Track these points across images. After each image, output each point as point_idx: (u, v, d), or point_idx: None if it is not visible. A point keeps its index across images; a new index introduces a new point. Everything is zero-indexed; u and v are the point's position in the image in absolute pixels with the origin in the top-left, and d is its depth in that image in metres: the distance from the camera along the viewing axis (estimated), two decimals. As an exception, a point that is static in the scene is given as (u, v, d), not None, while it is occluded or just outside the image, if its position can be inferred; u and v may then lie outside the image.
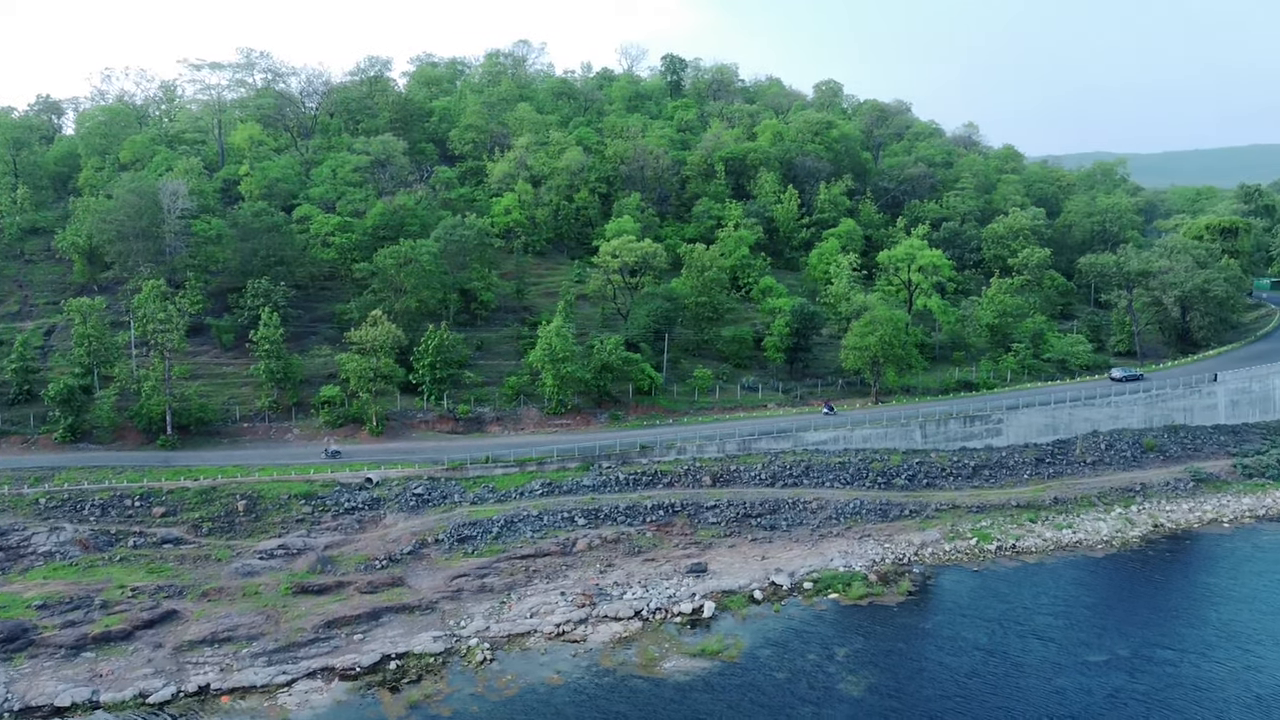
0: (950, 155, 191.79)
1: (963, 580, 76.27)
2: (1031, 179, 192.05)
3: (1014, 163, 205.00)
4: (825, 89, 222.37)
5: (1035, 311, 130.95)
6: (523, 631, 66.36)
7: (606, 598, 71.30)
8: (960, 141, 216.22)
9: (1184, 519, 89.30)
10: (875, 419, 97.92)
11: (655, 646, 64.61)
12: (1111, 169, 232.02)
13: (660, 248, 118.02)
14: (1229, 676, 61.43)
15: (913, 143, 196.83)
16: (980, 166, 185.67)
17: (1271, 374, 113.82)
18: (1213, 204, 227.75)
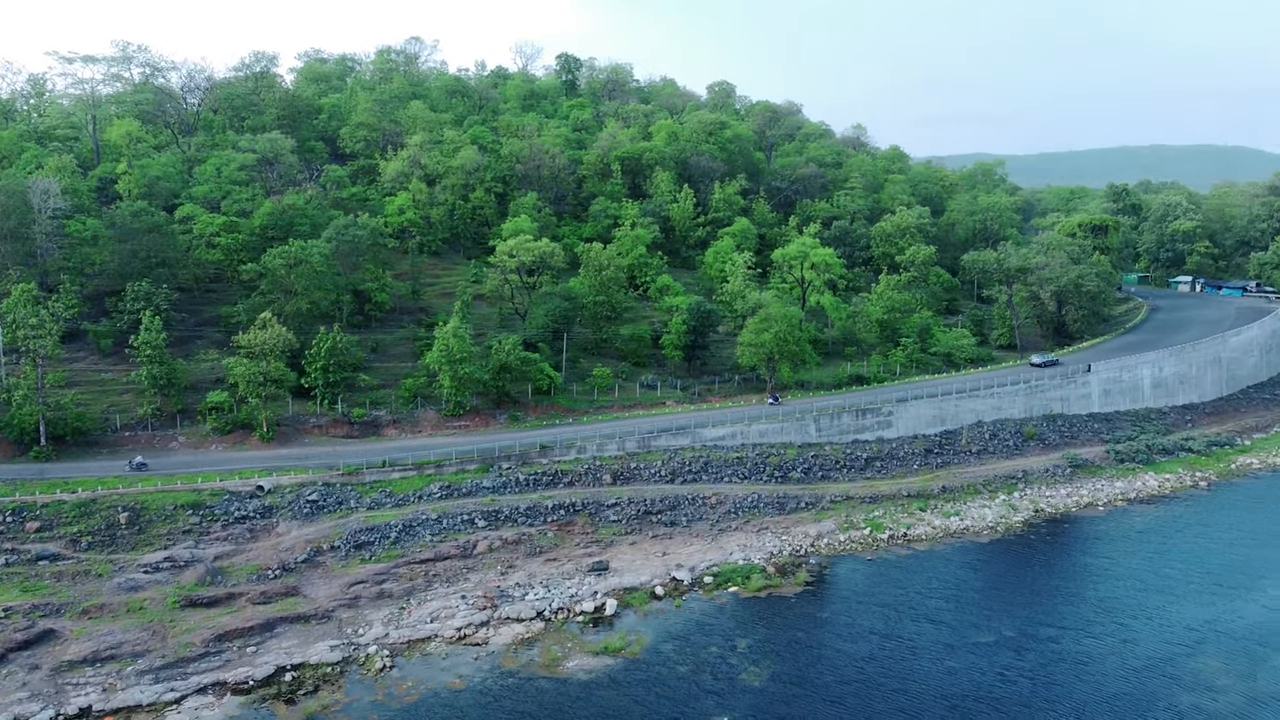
0: (840, 156, 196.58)
1: (857, 569, 78.40)
2: (917, 179, 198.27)
3: (900, 163, 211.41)
4: (718, 90, 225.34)
5: (922, 307, 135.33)
6: (423, 637, 65.52)
7: (508, 599, 70.95)
8: (849, 143, 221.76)
9: (1063, 503, 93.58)
10: (771, 414, 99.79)
11: (558, 646, 64.60)
12: (991, 170, 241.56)
13: (558, 247, 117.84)
14: (1107, 650, 64.71)
15: (804, 143, 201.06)
16: (868, 167, 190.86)
17: (1140, 364, 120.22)
18: (1084, 203, 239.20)
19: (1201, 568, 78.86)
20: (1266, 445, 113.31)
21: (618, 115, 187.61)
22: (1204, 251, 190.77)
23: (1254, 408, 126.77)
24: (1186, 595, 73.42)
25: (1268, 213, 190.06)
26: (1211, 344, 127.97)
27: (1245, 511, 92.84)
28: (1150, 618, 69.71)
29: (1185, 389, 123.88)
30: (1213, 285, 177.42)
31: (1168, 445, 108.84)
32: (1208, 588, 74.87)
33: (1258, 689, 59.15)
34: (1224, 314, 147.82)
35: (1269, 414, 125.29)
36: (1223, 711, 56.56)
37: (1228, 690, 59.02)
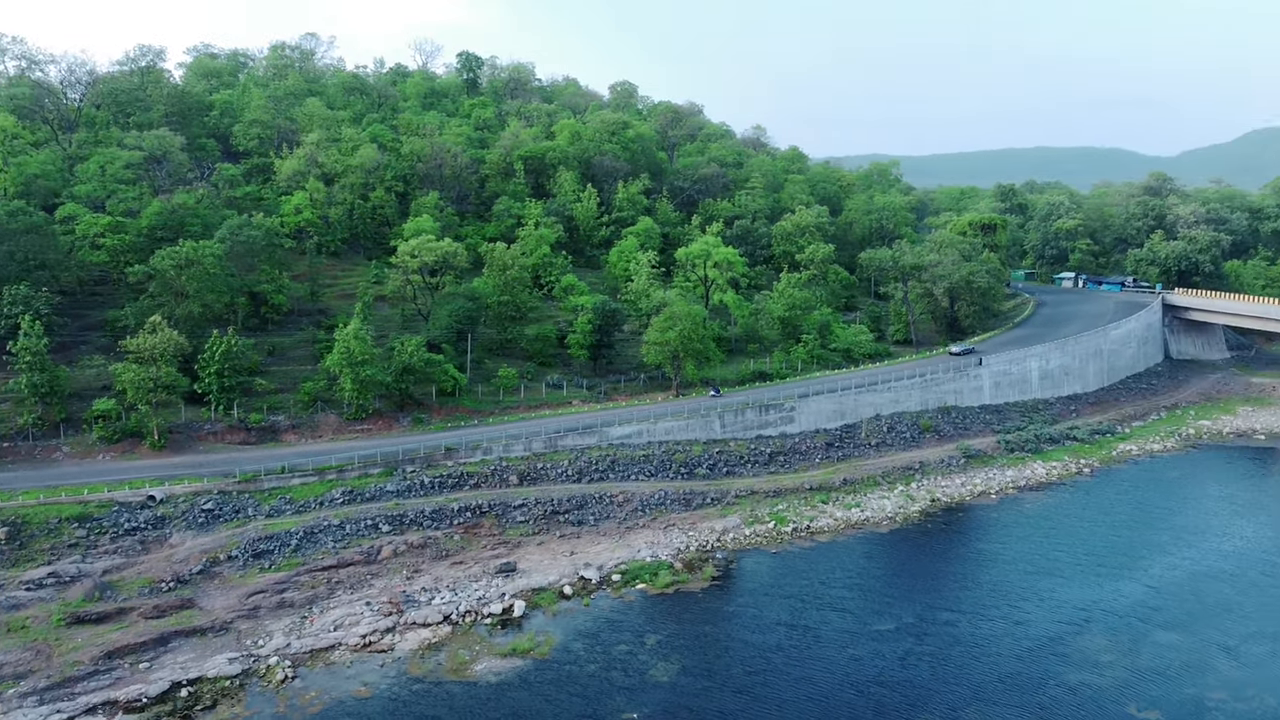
0: (741, 156, 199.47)
1: (763, 562, 79.74)
2: (815, 179, 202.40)
3: (799, 163, 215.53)
4: (621, 90, 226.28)
5: (822, 304, 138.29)
6: (326, 645, 64.14)
7: (414, 604, 70.00)
8: (749, 143, 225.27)
9: (957, 493, 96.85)
10: (677, 411, 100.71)
11: (466, 649, 64.05)
12: (886, 170, 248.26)
13: (461, 247, 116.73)
14: (1001, 632, 67.28)
15: (705, 143, 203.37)
16: (769, 167, 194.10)
17: (1028, 357, 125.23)
18: (974, 202, 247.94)
19: (1087, 550, 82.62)
20: (1144, 433, 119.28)
21: (520, 114, 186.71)
22: (1085, 249, 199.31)
23: (1132, 397, 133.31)
24: (1074, 576, 76.81)
25: (1142, 212, 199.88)
26: (1093, 337, 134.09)
27: (1126, 496, 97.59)
28: (1041, 599, 72.70)
29: (1070, 380, 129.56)
30: (1094, 281, 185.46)
31: (1054, 434, 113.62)
32: (1093, 569, 78.48)
33: (1140, 664, 62.28)
34: (1104, 308, 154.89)
35: (1146, 403, 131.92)
36: (1108, 686, 59.35)
37: (1112, 666, 61.98)
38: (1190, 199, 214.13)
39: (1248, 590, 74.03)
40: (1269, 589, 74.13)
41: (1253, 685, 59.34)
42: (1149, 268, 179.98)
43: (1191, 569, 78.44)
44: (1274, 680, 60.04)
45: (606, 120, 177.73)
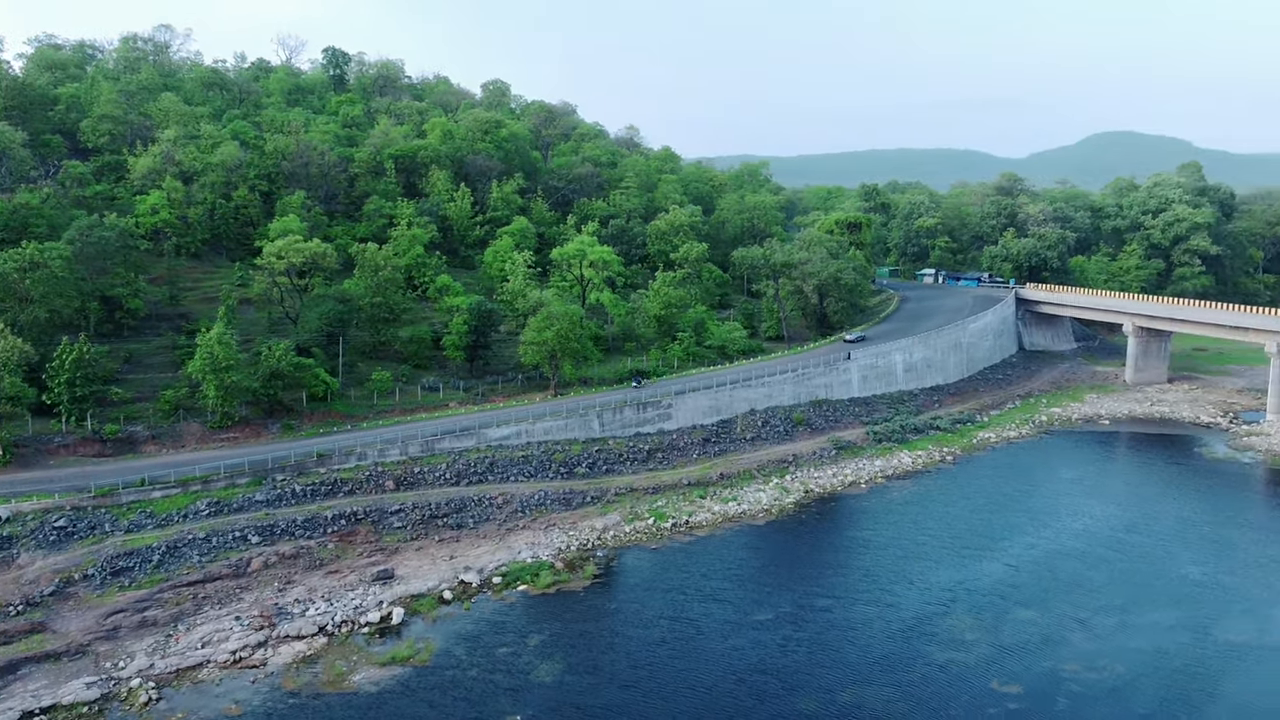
0: (615, 156, 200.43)
1: (643, 559, 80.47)
2: (688, 179, 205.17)
3: (672, 163, 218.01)
4: (493, 89, 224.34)
5: (697, 302, 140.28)
6: (194, 664, 61.55)
7: (287, 617, 67.87)
8: (623, 143, 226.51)
9: (829, 483, 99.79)
10: (556, 411, 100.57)
11: (343, 660, 62.49)
12: (757, 170, 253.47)
13: (330, 248, 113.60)
14: (874, 614, 69.76)
15: (579, 143, 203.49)
16: (642, 167, 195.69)
17: (893, 351, 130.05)
18: (840, 202, 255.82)
19: (952, 534, 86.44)
20: (1001, 421, 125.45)
21: (390, 112, 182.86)
22: (945, 246, 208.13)
23: (990, 387, 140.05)
24: (940, 559, 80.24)
25: (996, 210, 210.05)
26: (953, 330, 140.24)
27: (986, 481, 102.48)
28: (911, 582, 75.69)
29: (932, 372, 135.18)
30: (953, 277, 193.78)
31: (919, 424, 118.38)
32: (957, 551, 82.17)
33: (1001, 640, 65.53)
34: (963, 303, 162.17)
35: (1002, 392, 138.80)
36: (973, 663, 62.27)
37: (976, 643, 65.04)
38: (1039, 198, 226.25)
39: (1097, 565, 78.81)
40: (1116, 564, 79.09)
41: (1103, 655, 63.19)
42: (1003, 264, 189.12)
43: (1046, 548, 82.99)
44: (1121, 650, 64.08)
45: (479, 119, 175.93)
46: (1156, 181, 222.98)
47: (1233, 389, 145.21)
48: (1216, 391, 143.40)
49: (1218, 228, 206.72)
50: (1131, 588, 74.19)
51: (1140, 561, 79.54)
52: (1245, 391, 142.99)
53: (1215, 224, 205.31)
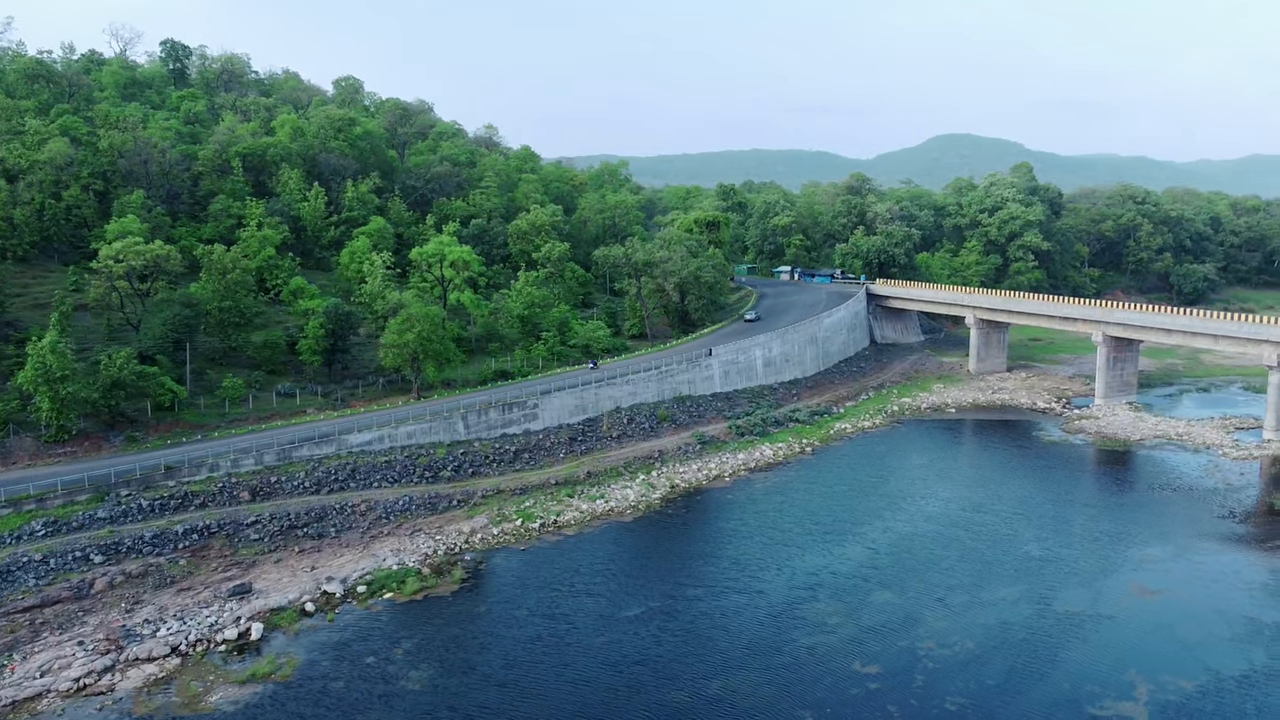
0: (473, 155, 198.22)
1: (513, 560, 79.94)
2: (549, 178, 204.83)
3: (532, 163, 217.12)
4: (346, 85, 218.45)
5: (560, 301, 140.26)
6: (32, 695, 57.60)
7: (136, 639, 64.33)
8: (482, 142, 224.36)
9: (694, 478, 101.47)
10: (419, 414, 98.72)
11: (198, 681, 59.70)
12: (616, 170, 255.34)
13: (173, 250, 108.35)
14: (743, 602, 71.38)
15: (437, 142, 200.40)
16: (502, 166, 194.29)
17: (753, 347, 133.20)
18: (699, 201, 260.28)
19: (814, 521, 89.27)
20: (856, 412, 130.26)
21: (235, 108, 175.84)
22: (799, 244, 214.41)
23: (845, 380, 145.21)
24: (804, 545, 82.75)
25: (846, 209, 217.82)
26: (809, 325, 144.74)
27: (843, 470, 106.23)
28: (777, 569, 77.80)
29: (790, 367, 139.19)
30: (808, 274, 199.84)
31: (779, 418, 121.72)
32: (820, 537, 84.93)
33: (862, 622, 68.06)
34: (817, 299, 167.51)
35: (856, 384, 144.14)
36: (836, 645, 64.46)
37: (840, 626, 67.34)
38: (886, 198, 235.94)
39: (949, 545, 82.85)
40: (965, 543, 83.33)
41: (956, 632, 66.48)
42: (854, 260, 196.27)
43: (902, 531, 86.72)
44: (972, 625, 67.56)
45: (332, 116, 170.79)
46: (992, 181, 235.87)
47: (1064, 376, 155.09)
48: (1050, 379, 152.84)
49: (1048, 225, 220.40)
50: (980, 565, 78.32)
51: (987, 540, 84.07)
52: (1075, 378, 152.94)
53: (1045, 221, 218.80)
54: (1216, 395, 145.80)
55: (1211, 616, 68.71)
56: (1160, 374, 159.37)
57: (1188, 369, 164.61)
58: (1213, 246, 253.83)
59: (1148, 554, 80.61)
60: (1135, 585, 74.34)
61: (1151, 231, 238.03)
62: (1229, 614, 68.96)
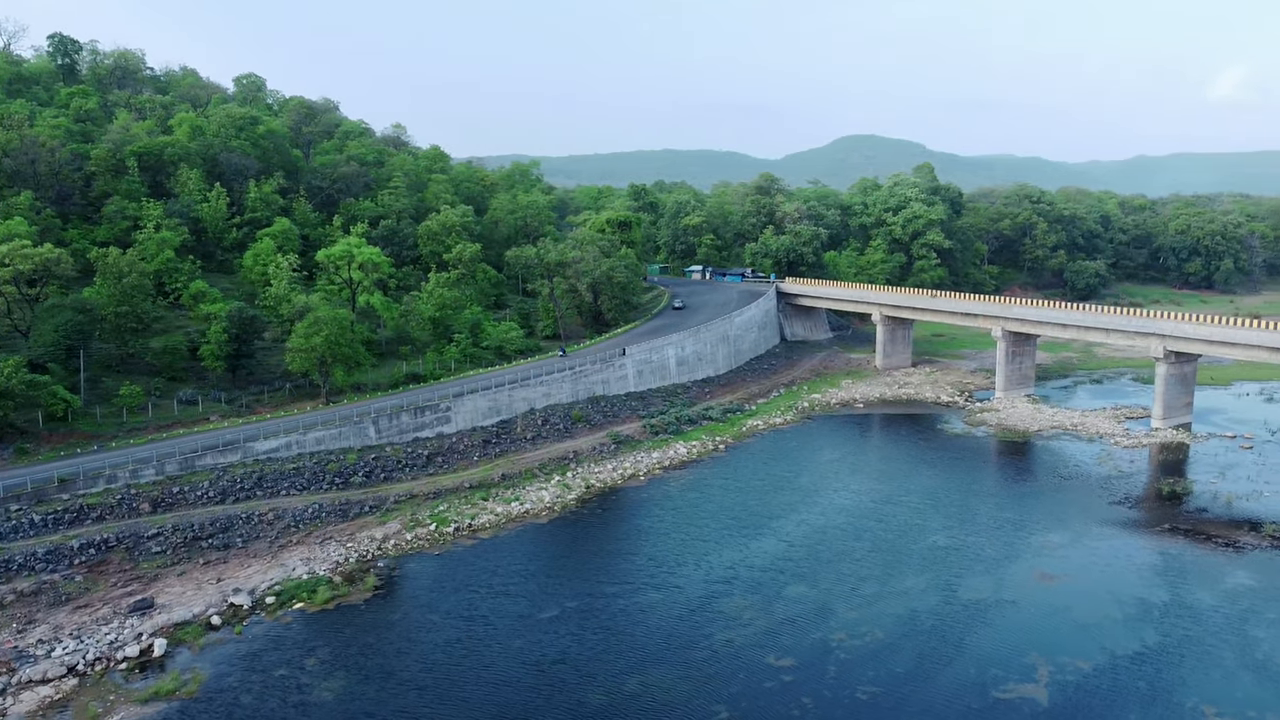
0: (381, 155, 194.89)
1: (427, 565, 78.98)
2: (459, 178, 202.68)
3: (442, 163, 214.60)
4: (247, 83, 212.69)
5: (472, 303, 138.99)
6: (-83, 722, 54.83)
7: (29, 660, 61.62)
8: (390, 142, 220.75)
9: (609, 478, 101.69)
10: (328, 419, 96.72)
11: (98, 701, 57.50)
12: (527, 170, 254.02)
13: (65, 253, 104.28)
14: (662, 598, 71.87)
15: (343, 141, 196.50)
16: (411, 166, 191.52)
17: (666, 345, 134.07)
18: (611, 201, 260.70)
19: (729, 516, 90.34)
20: (767, 409, 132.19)
21: (130, 106, 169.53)
22: (710, 243, 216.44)
23: (756, 377, 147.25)
24: (720, 541, 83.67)
25: (756, 209, 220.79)
26: (721, 324, 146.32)
27: (757, 466, 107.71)
28: (696, 564, 78.53)
29: (703, 365, 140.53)
30: (719, 273, 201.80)
31: (692, 416, 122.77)
32: (735, 532, 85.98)
33: (776, 615, 69.06)
34: (729, 297, 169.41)
35: (767, 381, 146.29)
36: (751, 639, 65.32)
37: (755, 620, 68.24)
38: (794, 197, 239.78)
39: (860, 537, 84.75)
40: (875, 534, 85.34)
41: (866, 622, 68.03)
42: (764, 259, 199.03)
43: (815, 524, 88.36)
44: (882, 616, 69.21)
45: (233, 114, 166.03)
46: (896, 181, 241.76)
47: (966, 370, 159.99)
48: (953, 373, 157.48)
49: (949, 224, 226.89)
50: (889, 556, 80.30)
51: (896, 531, 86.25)
52: (977, 372, 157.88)
53: (947, 220, 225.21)
54: (1109, 386, 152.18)
55: (1106, 599, 71.73)
56: (1057, 367, 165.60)
57: (1082, 362, 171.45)
58: (1103, 244, 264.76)
59: (1047, 540, 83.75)
60: (1036, 571, 77.17)
61: (1046, 230, 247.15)
62: (1122, 596, 72.10)
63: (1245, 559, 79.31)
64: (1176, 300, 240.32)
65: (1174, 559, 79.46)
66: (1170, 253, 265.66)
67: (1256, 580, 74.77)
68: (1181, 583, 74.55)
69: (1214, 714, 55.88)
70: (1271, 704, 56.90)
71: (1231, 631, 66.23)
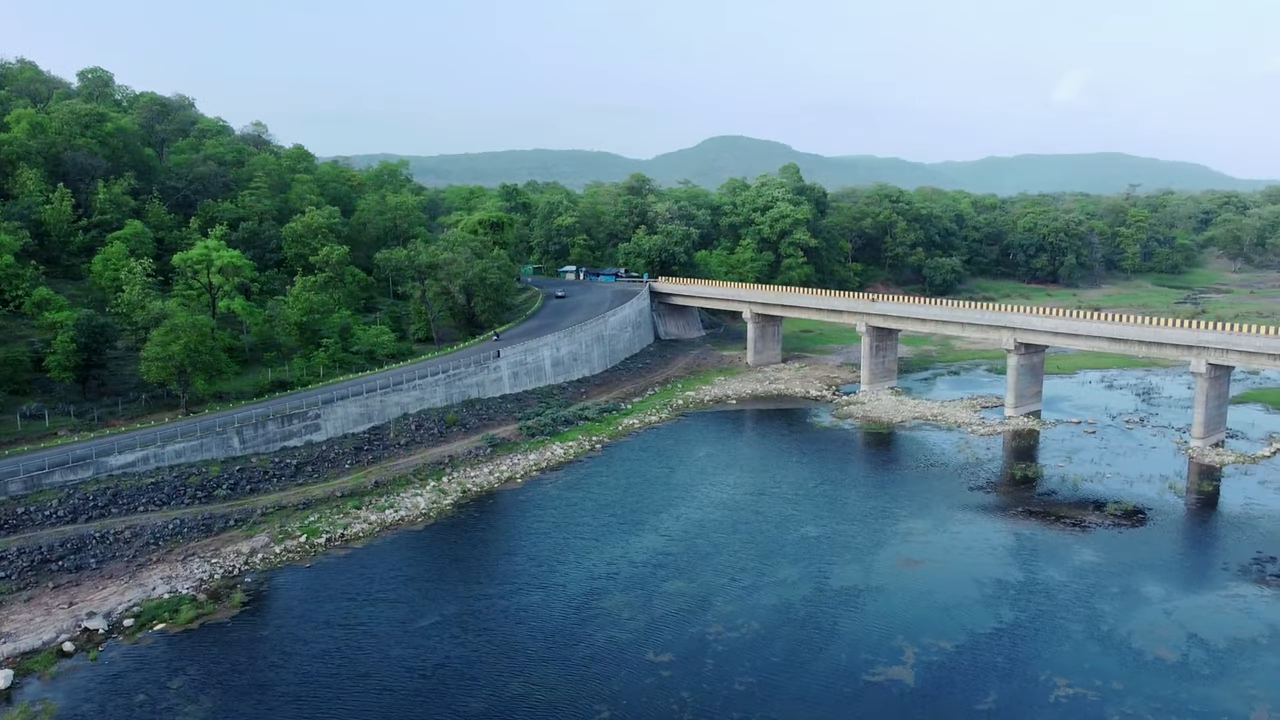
0: (241, 154, 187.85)
1: (298, 578, 76.72)
2: (324, 179, 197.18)
3: (306, 162, 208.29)
4: (94, 78, 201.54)
5: (341, 307, 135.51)
6: None
7: None
8: (250, 140, 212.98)
9: (485, 481, 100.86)
10: (188, 431, 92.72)
11: (-62, 739, 53.79)
12: (396, 170, 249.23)
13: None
14: (543, 598, 71.87)
15: (200, 140, 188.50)
16: (273, 166, 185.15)
17: (541, 347, 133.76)
18: (483, 202, 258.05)
19: (608, 514, 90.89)
20: (643, 407, 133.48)
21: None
22: (583, 244, 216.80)
23: (631, 376, 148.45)
24: (600, 539, 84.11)
25: (628, 209, 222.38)
26: (595, 324, 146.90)
27: (634, 464, 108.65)
28: (576, 563, 78.77)
29: (579, 365, 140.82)
30: (593, 273, 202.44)
31: (569, 416, 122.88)
32: (615, 530, 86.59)
33: (655, 612, 69.79)
34: (603, 297, 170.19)
35: (642, 380, 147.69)
36: (631, 637, 65.88)
37: (634, 618, 68.82)
38: (665, 197, 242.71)
39: (735, 530, 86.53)
40: (750, 527, 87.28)
41: (742, 615, 69.55)
42: (636, 259, 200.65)
43: (692, 518, 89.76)
44: (757, 608, 70.89)
45: (77, 111, 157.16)
46: (764, 182, 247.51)
47: (834, 365, 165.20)
48: (821, 368, 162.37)
49: (815, 223, 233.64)
50: (764, 548, 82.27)
51: (770, 523, 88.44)
52: (843, 366, 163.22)
53: (813, 220, 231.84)
54: (966, 378, 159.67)
55: (966, 580, 75.38)
56: (917, 360, 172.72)
57: (940, 355, 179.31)
58: (958, 241, 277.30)
59: (911, 527, 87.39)
60: (901, 557, 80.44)
61: (906, 228, 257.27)
62: (981, 577, 75.90)
63: (1090, 537, 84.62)
64: (1025, 294, 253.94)
65: (1027, 540, 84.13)
66: (1019, 249, 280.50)
67: (1101, 557, 79.88)
68: (1034, 562, 78.99)
69: (1065, 685, 59.46)
70: (1115, 672, 60.94)
71: (1080, 605, 70.59)
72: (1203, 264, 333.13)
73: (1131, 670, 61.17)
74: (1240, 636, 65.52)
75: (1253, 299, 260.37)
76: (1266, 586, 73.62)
